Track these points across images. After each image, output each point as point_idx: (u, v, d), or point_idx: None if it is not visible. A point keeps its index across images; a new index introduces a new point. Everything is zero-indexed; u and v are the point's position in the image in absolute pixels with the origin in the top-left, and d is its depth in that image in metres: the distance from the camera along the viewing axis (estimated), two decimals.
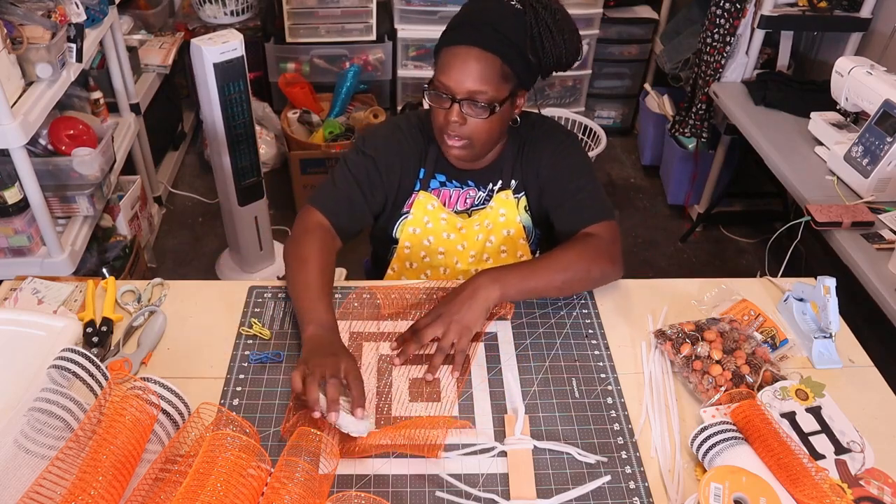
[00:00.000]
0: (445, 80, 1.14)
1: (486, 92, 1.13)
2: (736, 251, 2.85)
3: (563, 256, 1.17)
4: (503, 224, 1.32)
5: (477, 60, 1.12)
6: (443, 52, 1.16)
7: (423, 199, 1.31)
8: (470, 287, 1.10)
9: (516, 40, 1.13)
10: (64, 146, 1.95)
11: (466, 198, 1.34)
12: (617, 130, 3.53)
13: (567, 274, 1.15)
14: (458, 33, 1.15)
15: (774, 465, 0.91)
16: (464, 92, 1.13)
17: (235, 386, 1.05)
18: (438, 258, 1.36)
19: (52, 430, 0.89)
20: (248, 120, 2.14)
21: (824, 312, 1.13)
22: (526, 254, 1.35)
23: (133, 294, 1.21)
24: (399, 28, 3.09)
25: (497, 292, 1.10)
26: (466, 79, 1.12)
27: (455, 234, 1.33)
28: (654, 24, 3.26)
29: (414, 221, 1.32)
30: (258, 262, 2.52)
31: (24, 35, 1.68)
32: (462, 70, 1.12)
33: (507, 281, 1.11)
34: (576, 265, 1.16)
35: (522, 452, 0.96)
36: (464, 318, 1.07)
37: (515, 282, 1.12)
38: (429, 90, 1.18)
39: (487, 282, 1.10)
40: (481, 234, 1.33)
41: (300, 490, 0.82)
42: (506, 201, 1.31)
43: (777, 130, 2.16)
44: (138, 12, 2.94)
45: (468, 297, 1.09)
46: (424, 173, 1.32)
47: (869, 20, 2.38)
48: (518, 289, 1.12)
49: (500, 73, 1.13)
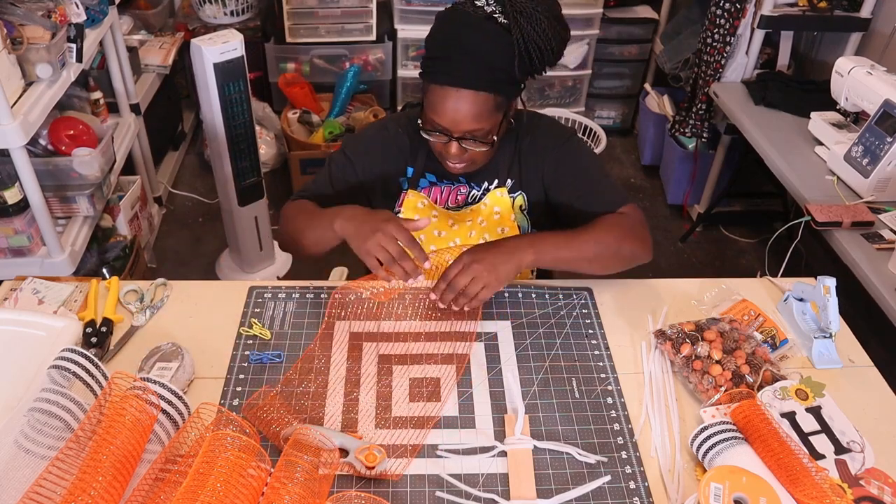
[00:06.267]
0: (439, 120, 1.12)
1: (482, 128, 1.12)
2: (736, 251, 2.85)
3: (596, 230, 1.17)
4: (497, 222, 1.32)
5: (469, 102, 1.09)
6: (432, 89, 1.12)
7: (412, 198, 1.31)
8: (508, 245, 1.11)
9: (504, 65, 1.08)
10: (64, 146, 1.95)
11: (458, 194, 1.33)
12: (617, 130, 3.53)
13: (599, 247, 1.16)
14: (445, 71, 1.09)
15: (774, 465, 0.91)
16: (460, 132, 1.13)
17: (235, 386, 1.05)
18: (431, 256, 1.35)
19: (52, 430, 0.89)
20: (248, 120, 2.14)
21: (824, 312, 1.13)
22: None
23: (136, 294, 1.21)
24: (399, 28, 3.09)
25: (531, 256, 1.10)
26: (461, 120, 1.10)
27: (446, 231, 1.33)
28: (654, 24, 3.26)
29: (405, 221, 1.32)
30: (258, 262, 2.52)
31: (24, 35, 1.69)
32: (455, 112, 1.10)
33: (543, 247, 1.12)
34: (608, 239, 1.16)
35: (522, 452, 0.96)
36: (497, 269, 1.08)
37: (550, 249, 1.12)
38: (423, 127, 1.16)
39: (525, 244, 1.11)
40: (474, 231, 1.32)
41: (300, 490, 0.82)
42: (500, 199, 1.31)
43: (777, 130, 2.16)
44: (138, 12, 2.94)
45: (506, 252, 1.09)
46: (413, 172, 1.31)
47: (869, 20, 2.38)
48: (552, 256, 1.13)
49: (494, 105, 1.11)
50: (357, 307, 1.20)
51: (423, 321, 1.18)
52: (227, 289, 1.24)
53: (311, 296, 1.23)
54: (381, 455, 0.92)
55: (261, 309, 1.19)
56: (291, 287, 1.24)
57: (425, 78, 1.13)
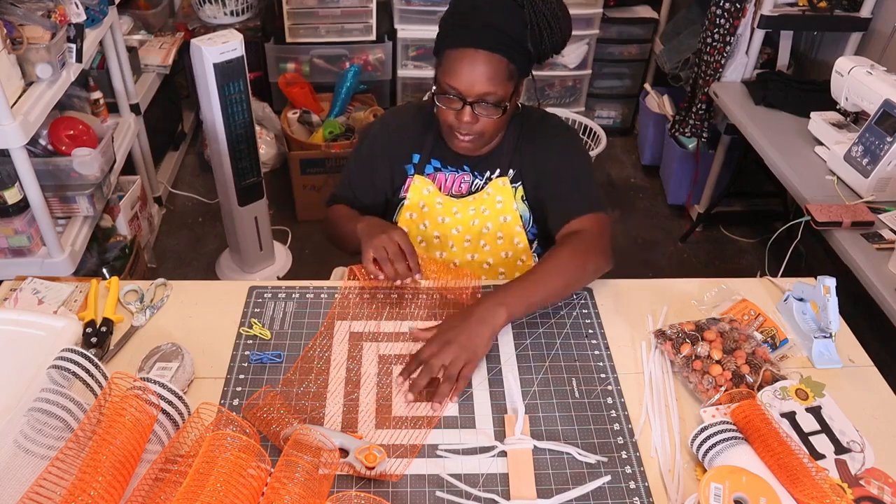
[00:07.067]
0: (454, 83, 1.15)
1: (495, 92, 1.15)
2: (736, 251, 2.85)
3: (556, 260, 1.16)
4: (500, 211, 1.33)
5: (484, 63, 1.13)
6: (447, 54, 1.16)
7: (418, 184, 1.34)
8: (477, 313, 1.06)
9: (518, 37, 1.14)
10: (64, 146, 1.95)
11: (462, 182, 1.35)
12: (617, 130, 3.53)
13: (565, 276, 1.15)
14: (462, 35, 1.14)
15: (774, 465, 0.91)
16: (474, 95, 1.15)
17: (235, 386, 1.05)
18: (434, 242, 1.37)
19: (52, 430, 0.89)
20: (248, 120, 2.14)
21: (824, 312, 1.13)
22: (523, 241, 1.35)
23: (136, 294, 1.21)
24: (399, 28, 3.09)
25: (504, 315, 1.07)
26: (476, 82, 1.13)
27: (450, 218, 1.34)
28: (654, 24, 3.26)
29: (410, 206, 1.35)
30: (258, 262, 2.52)
31: (24, 35, 1.69)
32: (471, 73, 1.13)
33: (512, 301, 1.09)
34: (571, 265, 1.16)
35: (522, 452, 0.96)
36: (473, 343, 1.04)
37: (520, 300, 1.10)
38: (437, 93, 1.19)
39: (493, 305, 1.07)
40: (477, 220, 1.33)
41: (300, 490, 0.82)
42: (503, 188, 1.32)
43: (777, 130, 2.16)
44: (138, 12, 2.94)
45: (476, 323, 1.05)
46: (419, 158, 1.34)
47: (869, 20, 2.38)
48: (524, 305, 1.11)
49: (507, 71, 1.15)
50: (357, 307, 1.20)
51: (423, 321, 1.18)
52: (227, 289, 1.24)
53: (311, 296, 1.23)
54: (381, 455, 0.92)
55: (261, 309, 1.19)
56: (291, 287, 1.24)
57: (441, 47, 1.18)
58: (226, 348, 1.12)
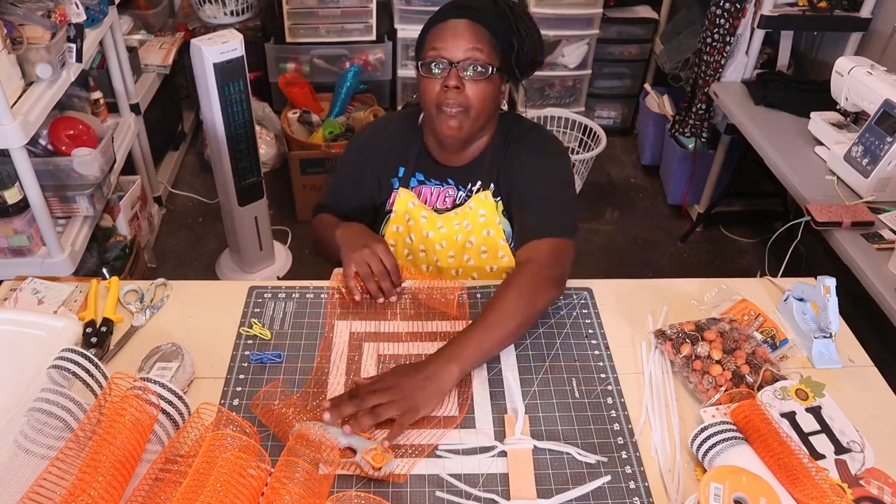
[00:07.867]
0: (440, 46, 1.18)
1: (482, 51, 1.17)
2: (736, 251, 2.85)
3: (505, 304, 1.10)
4: (483, 224, 1.31)
5: (469, 29, 1.17)
6: (432, 29, 1.21)
7: (403, 197, 1.33)
8: (427, 370, 1.02)
9: (499, 22, 1.19)
10: (64, 146, 1.95)
11: (446, 196, 1.34)
12: (617, 130, 3.53)
13: (517, 318, 1.09)
14: (445, 11, 1.20)
15: (774, 465, 0.91)
16: (461, 55, 1.17)
17: (235, 386, 1.05)
18: (420, 255, 1.37)
19: (52, 430, 0.89)
20: (248, 120, 2.14)
21: (824, 312, 1.13)
22: (507, 255, 1.32)
23: (136, 294, 1.21)
24: (399, 28, 3.09)
25: (456, 372, 1.02)
26: (461, 43, 1.17)
27: (434, 233, 1.33)
28: (654, 24, 3.26)
29: (396, 219, 1.35)
30: (258, 262, 2.52)
31: (24, 35, 1.69)
32: (456, 36, 1.17)
33: (464, 355, 1.04)
34: (521, 306, 1.10)
35: (522, 452, 0.96)
36: (414, 397, 0.98)
37: (473, 352, 1.05)
38: (423, 63, 1.20)
39: (444, 362, 1.02)
40: (460, 235, 1.32)
41: (300, 490, 0.82)
42: (485, 202, 1.30)
43: (777, 130, 2.16)
44: (138, 12, 2.94)
45: (425, 379, 1.00)
46: (404, 171, 1.34)
47: (869, 20, 2.38)
48: (478, 355, 1.06)
49: (490, 42, 1.18)
50: (357, 307, 1.20)
51: (423, 321, 1.18)
52: (227, 289, 1.24)
53: (311, 296, 1.23)
54: (388, 456, 0.92)
55: (261, 309, 1.19)
56: (291, 287, 1.24)
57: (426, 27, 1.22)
58: (226, 348, 1.12)
